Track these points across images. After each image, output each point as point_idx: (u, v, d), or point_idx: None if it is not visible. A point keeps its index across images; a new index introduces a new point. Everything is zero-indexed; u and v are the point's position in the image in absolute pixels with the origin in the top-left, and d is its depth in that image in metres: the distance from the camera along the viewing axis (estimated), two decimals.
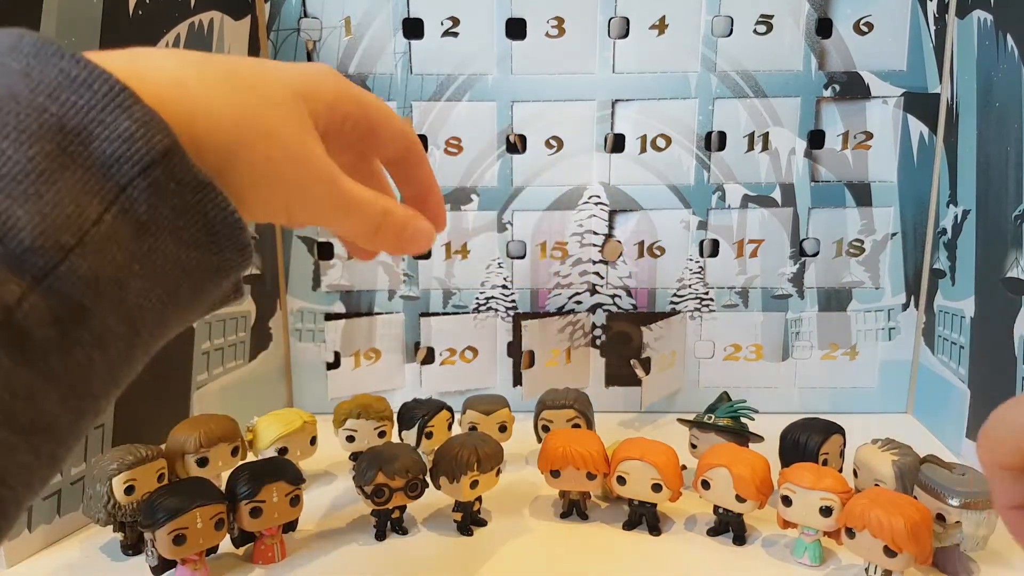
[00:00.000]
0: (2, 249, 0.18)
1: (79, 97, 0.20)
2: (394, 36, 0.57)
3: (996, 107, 0.48)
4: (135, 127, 0.20)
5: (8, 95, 0.19)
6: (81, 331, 0.19)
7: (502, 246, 0.60)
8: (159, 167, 0.20)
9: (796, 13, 0.56)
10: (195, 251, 0.22)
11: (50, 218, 0.19)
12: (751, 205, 0.59)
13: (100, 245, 0.20)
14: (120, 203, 0.20)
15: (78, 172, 0.19)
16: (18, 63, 0.20)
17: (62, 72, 0.20)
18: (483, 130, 0.59)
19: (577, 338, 0.62)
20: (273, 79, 0.25)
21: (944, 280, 0.56)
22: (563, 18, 0.57)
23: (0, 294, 0.18)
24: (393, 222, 0.29)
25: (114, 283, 0.20)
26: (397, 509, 0.43)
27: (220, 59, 0.24)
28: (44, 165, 0.19)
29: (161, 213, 0.21)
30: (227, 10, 0.53)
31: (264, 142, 0.24)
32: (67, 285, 0.19)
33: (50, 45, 0.20)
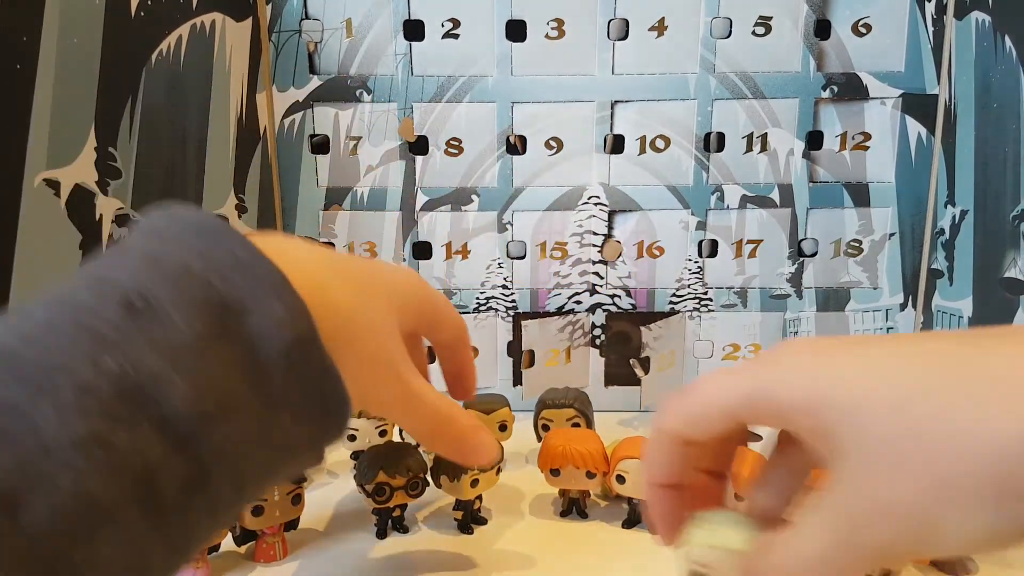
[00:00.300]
0: (157, 412, 0.19)
1: (243, 279, 0.22)
2: (395, 38, 0.58)
3: (994, 108, 0.49)
4: (285, 312, 0.22)
5: (184, 270, 0.21)
6: (200, 496, 0.21)
7: (502, 246, 0.61)
8: (297, 349, 0.22)
9: (795, 15, 0.56)
10: (306, 427, 0.24)
11: (201, 388, 0.20)
12: (750, 205, 0.59)
13: (235, 416, 0.21)
14: (257, 378, 0.22)
15: (230, 346, 0.21)
16: (196, 241, 0.22)
17: (231, 254, 0.22)
18: (483, 131, 0.59)
19: (577, 338, 0.62)
20: (380, 284, 0.28)
21: (942, 280, 0.56)
22: (563, 20, 0.57)
23: (148, 454, 0.19)
24: (454, 430, 0.30)
25: (238, 453, 0.21)
26: (398, 508, 0.43)
27: (344, 260, 0.27)
28: (204, 337, 0.21)
29: (289, 390, 0.22)
30: (229, 11, 0.53)
31: (366, 340, 0.26)
32: (202, 451, 0.20)
33: (225, 229, 0.23)
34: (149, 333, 0.20)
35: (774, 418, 0.23)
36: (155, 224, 0.23)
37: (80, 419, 0.18)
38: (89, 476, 0.18)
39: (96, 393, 0.19)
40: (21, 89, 0.34)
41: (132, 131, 0.43)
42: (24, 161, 0.34)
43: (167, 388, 0.20)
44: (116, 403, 0.19)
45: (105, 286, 0.21)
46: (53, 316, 0.20)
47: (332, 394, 0.24)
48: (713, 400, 0.24)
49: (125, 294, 0.20)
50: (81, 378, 0.19)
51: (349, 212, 0.60)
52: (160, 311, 0.20)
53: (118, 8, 0.41)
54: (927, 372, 0.20)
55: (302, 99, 0.59)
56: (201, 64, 0.50)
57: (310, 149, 0.60)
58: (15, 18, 0.34)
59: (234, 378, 0.21)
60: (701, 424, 0.25)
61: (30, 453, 0.18)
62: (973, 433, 0.18)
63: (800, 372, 0.22)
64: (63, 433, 0.18)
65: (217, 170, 0.52)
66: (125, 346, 0.20)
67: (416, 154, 0.60)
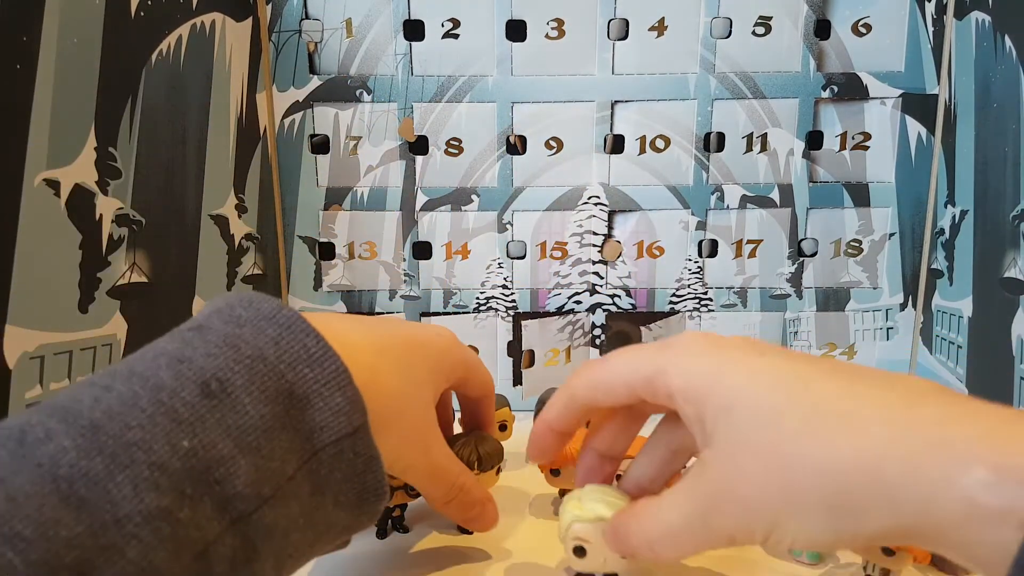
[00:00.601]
0: (219, 491, 0.21)
1: (311, 371, 0.24)
2: (395, 38, 0.58)
3: (994, 108, 0.49)
4: (345, 403, 0.24)
5: (260, 357, 0.23)
6: (245, 570, 0.22)
7: (502, 246, 0.61)
8: (349, 439, 0.24)
9: (794, 15, 0.56)
10: (344, 512, 0.25)
11: (261, 470, 0.22)
12: (749, 205, 0.59)
13: (286, 499, 0.23)
14: (310, 465, 0.23)
15: (291, 433, 0.23)
16: (273, 331, 0.24)
17: (304, 348, 0.24)
18: (483, 131, 0.59)
19: (577, 338, 0.62)
20: (422, 357, 0.31)
21: (942, 280, 0.56)
22: (563, 20, 0.57)
23: (205, 530, 0.20)
24: (465, 499, 0.34)
25: (284, 533, 0.23)
26: (398, 508, 0.43)
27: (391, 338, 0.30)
28: (270, 423, 0.22)
29: (335, 477, 0.24)
30: (229, 11, 0.53)
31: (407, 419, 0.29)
32: (253, 530, 0.22)
33: (299, 321, 0.24)
34: (221, 416, 0.22)
35: (665, 399, 0.26)
36: (235, 310, 0.25)
37: (152, 494, 0.20)
38: (154, 549, 0.19)
39: (168, 470, 0.20)
40: (21, 89, 0.34)
41: (132, 131, 0.43)
42: (24, 161, 0.34)
43: (231, 470, 0.21)
44: (185, 481, 0.20)
45: (184, 367, 0.22)
46: (135, 393, 0.21)
47: (372, 483, 0.25)
48: (619, 373, 0.28)
49: (203, 377, 0.22)
50: (156, 455, 0.20)
51: (349, 212, 0.60)
52: (233, 396, 0.22)
53: (118, 8, 0.41)
54: (798, 394, 0.23)
55: (302, 99, 0.59)
56: (201, 64, 0.50)
57: (310, 149, 0.60)
58: (15, 18, 0.34)
59: (291, 464, 0.23)
60: (604, 392, 0.28)
61: (105, 524, 0.19)
62: (819, 455, 0.21)
63: (694, 363, 0.25)
64: (135, 506, 0.19)
65: (217, 170, 0.52)
66: (198, 427, 0.21)
67: (416, 154, 0.60)
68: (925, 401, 0.21)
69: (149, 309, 0.44)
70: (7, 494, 0.18)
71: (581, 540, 0.29)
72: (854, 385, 0.22)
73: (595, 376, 0.29)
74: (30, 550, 0.17)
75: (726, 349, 0.25)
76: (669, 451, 0.31)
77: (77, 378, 0.43)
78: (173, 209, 0.47)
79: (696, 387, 0.25)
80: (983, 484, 0.18)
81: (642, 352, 0.27)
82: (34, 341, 0.35)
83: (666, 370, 0.26)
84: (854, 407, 0.22)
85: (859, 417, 0.21)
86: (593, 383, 0.29)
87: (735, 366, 0.24)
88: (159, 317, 0.45)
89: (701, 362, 0.25)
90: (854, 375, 0.23)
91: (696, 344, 0.26)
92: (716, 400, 0.24)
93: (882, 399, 0.22)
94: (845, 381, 0.23)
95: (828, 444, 0.21)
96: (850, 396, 0.22)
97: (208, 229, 0.51)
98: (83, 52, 0.39)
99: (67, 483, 0.19)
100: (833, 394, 0.22)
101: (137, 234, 0.43)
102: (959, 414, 0.20)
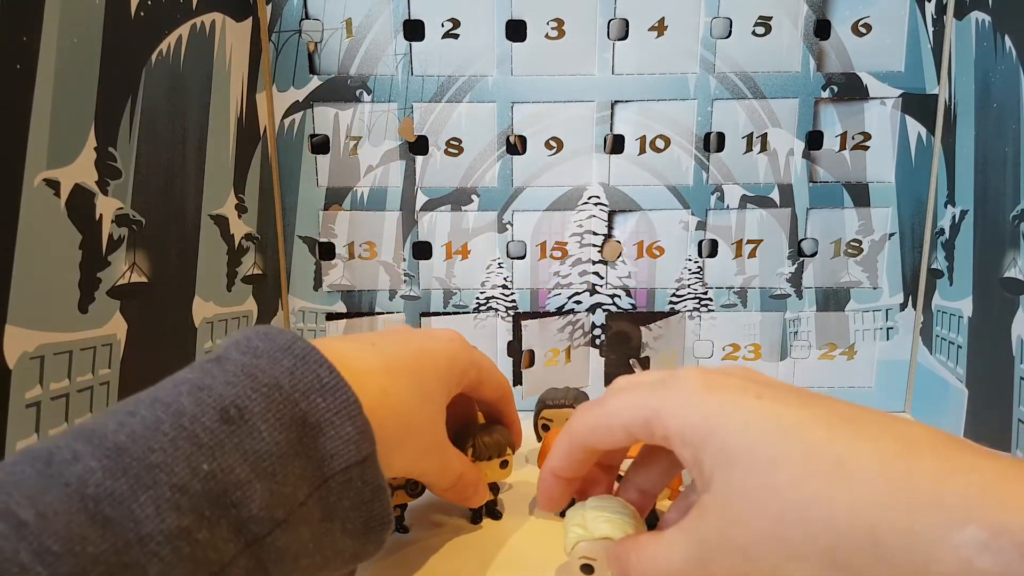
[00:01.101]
0: (236, 513, 0.22)
1: (324, 400, 0.25)
2: (395, 38, 0.58)
3: (994, 108, 0.49)
4: (354, 433, 0.25)
5: (276, 386, 0.24)
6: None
7: (502, 246, 0.61)
8: (357, 467, 0.25)
9: (794, 15, 0.56)
10: (351, 539, 0.26)
11: (275, 495, 0.23)
12: (749, 205, 0.59)
13: (298, 523, 0.23)
14: (321, 491, 0.24)
15: (303, 460, 0.24)
16: (288, 361, 0.25)
17: (317, 378, 0.25)
18: (483, 131, 0.59)
19: (577, 338, 0.62)
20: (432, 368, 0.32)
21: (942, 280, 0.56)
22: (563, 20, 0.57)
23: (222, 551, 0.21)
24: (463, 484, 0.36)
25: (294, 557, 0.23)
26: (398, 507, 0.43)
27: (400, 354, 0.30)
28: (285, 449, 0.23)
29: (343, 504, 0.25)
30: (229, 11, 0.53)
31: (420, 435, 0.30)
32: (266, 553, 0.22)
33: (313, 352, 0.25)
34: (239, 441, 0.22)
35: (662, 440, 0.26)
36: (252, 341, 0.26)
37: (174, 514, 0.20)
38: (174, 568, 0.20)
39: (188, 492, 0.21)
40: (21, 89, 0.34)
41: (132, 131, 0.43)
42: (24, 161, 0.34)
43: (248, 493, 0.22)
44: (204, 503, 0.21)
45: (204, 394, 0.23)
46: (158, 418, 0.22)
47: (379, 512, 0.26)
48: (616, 416, 0.28)
49: (222, 404, 0.23)
50: (178, 477, 0.21)
51: (349, 212, 0.60)
52: (251, 422, 0.23)
53: (118, 8, 0.41)
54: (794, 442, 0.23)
55: (302, 99, 0.59)
56: (201, 64, 0.50)
57: (310, 149, 0.60)
58: (15, 18, 0.34)
59: (303, 490, 0.24)
60: (604, 435, 0.29)
61: (128, 542, 0.19)
62: (815, 509, 0.21)
63: (690, 407, 0.26)
64: (157, 526, 0.20)
65: (217, 170, 0.52)
66: (217, 451, 0.22)
67: (416, 154, 0.60)
68: (921, 452, 0.21)
69: (149, 309, 0.44)
70: (37, 511, 0.19)
71: (587, 559, 0.30)
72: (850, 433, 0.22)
73: (593, 420, 0.29)
74: (58, 564, 0.18)
75: (722, 391, 0.25)
76: (668, 459, 0.31)
77: (77, 378, 0.43)
78: (173, 209, 0.47)
79: (693, 432, 0.25)
80: (979, 546, 0.18)
81: (637, 393, 0.27)
82: (34, 341, 0.35)
83: (661, 414, 0.26)
84: (850, 457, 0.22)
85: (855, 469, 0.21)
86: (591, 427, 0.29)
87: (731, 410, 0.24)
88: (159, 317, 0.45)
89: (697, 406, 0.25)
90: (850, 421, 0.23)
91: (692, 385, 0.26)
92: (713, 446, 0.24)
93: (878, 450, 0.22)
94: (840, 428, 0.23)
95: (824, 498, 0.21)
96: (846, 445, 0.22)
97: (208, 229, 0.51)
98: (83, 52, 0.39)
99: (94, 502, 0.19)
100: (828, 442, 0.22)
101: (137, 234, 0.43)
102: (955, 468, 0.20)
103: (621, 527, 0.29)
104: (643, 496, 0.33)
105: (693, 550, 0.25)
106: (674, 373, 0.27)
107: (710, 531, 0.24)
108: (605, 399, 0.29)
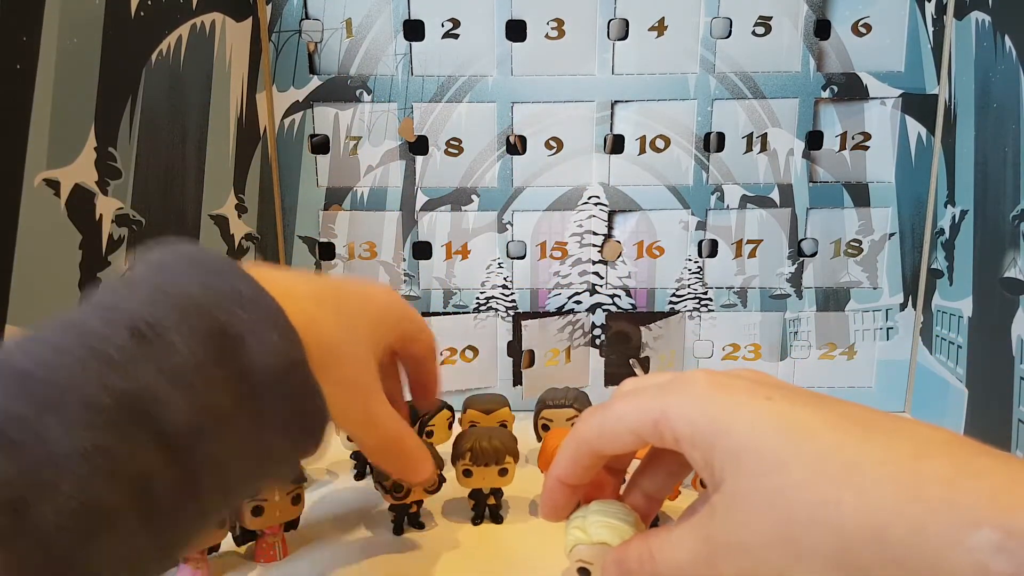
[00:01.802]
0: (156, 426, 0.21)
1: (245, 312, 0.24)
2: (395, 38, 0.58)
3: (994, 108, 0.49)
4: (280, 340, 0.24)
5: (189, 300, 0.23)
6: (191, 502, 0.23)
7: (502, 246, 0.61)
8: (288, 375, 0.24)
9: (794, 15, 0.56)
10: (288, 442, 0.26)
11: (198, 406, 0.22)
12: (749, 205, 0.59)
13: (226, 432, 0.23)
14: (251, 400, 0.24)
15: (227, 370, 0.23)
16: (202, 276, 0.24)
17: (235, 291, 0.24)
18: (483, 131, 0.59)
19: (577, 338, 0.62)
20: (362, 313, 0.31)
21: (942, 280, 0.56)
22: (563, 20, 0.57)
23: (146, 464, 0.21)
24: (399, 450, 0.33)
25: (226, 463, 0.23)
26: (415, 504, 0.43)
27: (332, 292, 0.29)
28: (204, 361, 0.23)
29: (276, 411, 0.24)
30: (229, 11, 0.53)
31: (345, 369, 0.28)
32: (195, 463, 0.22)
33: (230, 264, 0.25)
34: (153, 356, 0.22)
35: (672, 443, 0.26)
36: (162, 259, 0.25)
37: (85, 431, 0.20)
38: (92, 483, 0.19)
39: (100, 409, 0.20)
40: (21, 89, 0.34)
41: (132, 131, 0.43)
42: (24, 161, 0.34)
43: (166, 405, 0.21)
44: (119, 418, 0.20)
45: (114, 314, 0.22)
46: (64, 340, 0.21)
47: (314, 413, 0.26)
48: (624, 420, 0.27)
49: (133, 321, 0.22)
50: (87, 395, 0.20)
51: (349, 212, 0.60)
52: (165, 337, 0.22)
53: (118, 8, 0.41)
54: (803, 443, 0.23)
55: (302, 99, 0.59)
56: (201, 64, 0.50)
57: (310, 149, 0.60)
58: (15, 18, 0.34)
59: (228, 398, 0.23)
60: (611, 440, 0.28)
61: (37, 462, 0.19)
62: (825, 511, 0.21)
63: (699, 409, 0.25)
64: (69, 444, 0.19)
65: (217, 170, 0.52)
66: (130, 367, 0.21)
67: (416, 154, 0.60)
68: (932, 454, 0.21)
69: None
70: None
71: (585, 563, 0.30)
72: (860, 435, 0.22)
73: (600, 424, 0.28)
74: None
75: (731, 392, 0.25)
76: (675, 462, 0.31)
77: None
78: (173, 209, 0.47)
79: (702, 434, 0.25)
80: (993, 548, 0.18)
81: (645, 396, 0.27)
82: None
83: (670, 416, 0.26)
84: (860, 459, 0.21)
85: (865, 471, 0.21)
86: (598, 431, 0.28)
87: (741, 412, 0.24)
88: None
89: (706, 408, 0.25)
90: (861, 423, 0.23)
91: (700, 387, 0.26)
92: (723, 447, 0.24)
93: (889, 452, 0.21)
94: (851, 430, 0.22)
95: (834, 500, 0.21)
96: (856, 447, 0.22)
97: (208, 229, 0.51)
98: (83, 52, 0.39)
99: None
100: (838, 444, 0.22)
101: (137, 234, 0.43)
102: (967, 471, 0.20)
103: (620, 533, 0.29)
104: (648, 501, 0.32)
105: (700, 549, 0.24)
106: (682, 375, 0.27)
107: (718, 530, 0.24)
108: (612, 403, 0.28)
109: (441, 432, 0.49)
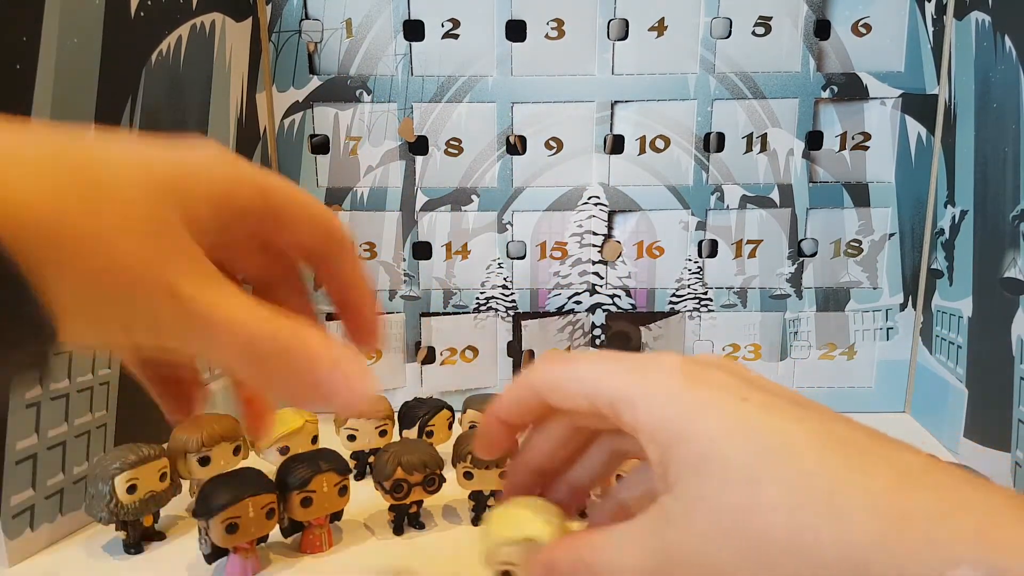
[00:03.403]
0: None
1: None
2: (395, 38, 0.58)
3: (994, 108, 0.49)
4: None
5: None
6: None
7: (502, 246, 0.61)
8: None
9: (794, 15, 0.56)
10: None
11: None
12: (749, 206, 0.59)
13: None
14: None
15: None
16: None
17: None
18: (483, 131, 0.59)
19: (577, 338, 0.62)
20: (126, 170, 0.21)
21: (942, 280, 0.56)
22: (563, 20, 0.57)
23: None
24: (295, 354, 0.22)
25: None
26: (415, 504, 0.43)
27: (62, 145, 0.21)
28: None
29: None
30: (229, 12, 0.53)
31: (84, 248, 0.19)
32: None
33: None
34: None
35: (628, 429, 0.24)
36: None
37: None
38: None
39: None
40: (21, 89, 0.34)
41: (132, 131, 0.43)
42: None
43: None
44: None
45: None
46: None
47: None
48: (582, 383, 0.25)
49: None
50: None
51: (349, 212, 0.60)
52: None
53: (118, 8, 0.42)
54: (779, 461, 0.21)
55: (302, 99, 0.59)
56: (201, 64, 0.50)
57: (310, 149, 0.60)
58: (15, 18, 0.34)
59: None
60: (562, 396, 0.25)
61: None
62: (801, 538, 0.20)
63: (668, 401, 0.23)
64: None
65: None
66: None
67: (416, 154, 0.60)
68: (915, 485, 0.20)
69: None
70: None
71: (508, 564, 0.26)
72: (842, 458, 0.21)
73: (557, 377, 0.26)
74: None
75: (704, 387, 0.23)
76: (609, 452, 0.28)
77: (77, 379, 0.43)
78: None
79: (666, 429, 0.22)
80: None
81: (612, 368, 0.24)
82: None
83: (635, 402, 0.23)
84: (841, 487, 0.20)
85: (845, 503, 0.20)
86: (553, 383, 0.26)
87: (711, 413, 0.22)
88: None
89: (673, 401, 0.23)
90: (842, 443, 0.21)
91: (673, 376, 0.23)
92: (687, 449, 0.22)
93: (872, 480, 0.20)
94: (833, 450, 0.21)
95: (811, 527, 0.20)
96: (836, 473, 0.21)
97: None
98: (83, 52, 0.39)
99: None
100: (818, 466, 0.21)
101: None
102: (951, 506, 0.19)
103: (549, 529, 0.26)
104: (573, 493, 0.30)
105: (649, 559, 0.22)
106: (655, 357, 0.25)
107: (673, 540, 0.22)
108: (576, 360, 0.26)
109: (441, 432, 0.49)
